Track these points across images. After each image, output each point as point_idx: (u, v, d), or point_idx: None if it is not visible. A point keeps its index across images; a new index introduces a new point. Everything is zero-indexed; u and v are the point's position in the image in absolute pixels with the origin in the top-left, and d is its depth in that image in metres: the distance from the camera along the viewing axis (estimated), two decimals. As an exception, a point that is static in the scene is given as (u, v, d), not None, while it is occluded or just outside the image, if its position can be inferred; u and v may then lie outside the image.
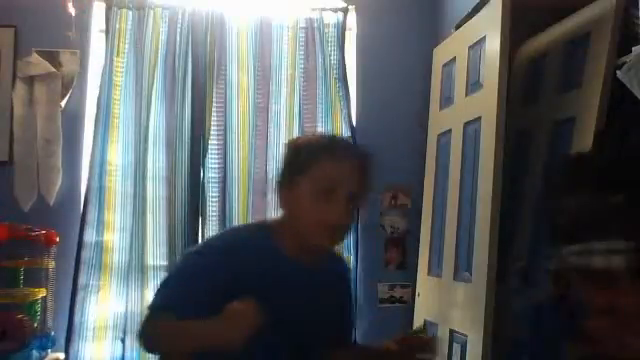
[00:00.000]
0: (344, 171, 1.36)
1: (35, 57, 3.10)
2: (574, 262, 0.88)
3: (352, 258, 3.22)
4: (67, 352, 2.96)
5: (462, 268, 2.50)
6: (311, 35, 3.28)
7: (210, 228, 3.13)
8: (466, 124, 2.58)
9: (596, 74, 2.01)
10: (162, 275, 3.07)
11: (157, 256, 3.10)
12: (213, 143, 3.17)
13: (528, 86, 2.52)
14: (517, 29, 2.36)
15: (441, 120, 2.91)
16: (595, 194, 0.89)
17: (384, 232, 3.30)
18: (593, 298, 0.91)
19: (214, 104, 3.18)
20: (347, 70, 3.29)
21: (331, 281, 1.51)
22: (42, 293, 2.91)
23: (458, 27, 2.81)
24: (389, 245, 3.30)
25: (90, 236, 3.02)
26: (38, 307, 2.92)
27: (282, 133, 3.24)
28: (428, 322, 2.71)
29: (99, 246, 3.04)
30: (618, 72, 1.74)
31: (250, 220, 3.16)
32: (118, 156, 3.12)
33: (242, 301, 1.20)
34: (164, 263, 3.09)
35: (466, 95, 2.61)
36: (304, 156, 1.38)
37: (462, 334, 2.41)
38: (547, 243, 0.97)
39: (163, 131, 3.14)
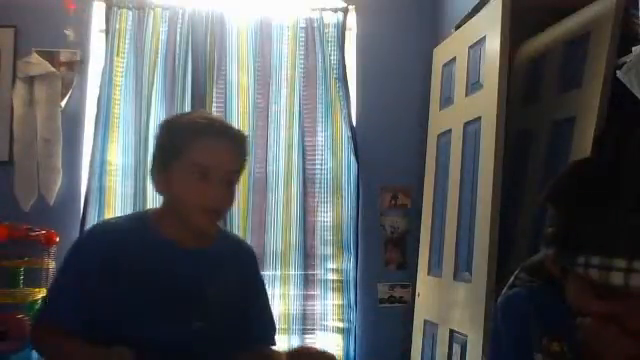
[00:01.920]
0: (220, 152, 1.34)
1: (35, 57, 3.10)
2: (592, 274, 0.88)
3: (352, 258, 3.22)
4: (67, 352, 2.95)
5: (462, 268, 2.50)
6: (311, 35, 3.28)
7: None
8: (466, 124, 2.58)
9: (596, 74, 2.01)
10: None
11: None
12: (213, 143, 3.17)
13: (528, 86, 2.52)
14: (517, 29, 2.36)
15: (441, 120, 2.91)
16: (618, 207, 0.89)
17: (384, 232, 3.30)
18: (598, 305, 0.91)
19: (214, 104, 3.18)
20: (347, 70, 3.29)
21: (220, 263, 1.45)
22: (42, 293, 2.90)
23: (458, 27, 2.81)
24: (389, 245, 3.30)
25: (90, 236, 3.02)
26: (38, 307, 2.92)
27: (282, 133, 3.25)
28: (428, 322, 2.70)
29: (99, 246, 3.04)
30: (618, 72, 1.74)
31: (250, 219, 3.16)
32: (118, 156, 3.12)
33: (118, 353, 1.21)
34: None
35: (466, 95, 2.61)
36: (180, 138, 1.34)
37: (462, 334, 2.41)
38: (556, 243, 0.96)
39: (163, 131, 3.14)
